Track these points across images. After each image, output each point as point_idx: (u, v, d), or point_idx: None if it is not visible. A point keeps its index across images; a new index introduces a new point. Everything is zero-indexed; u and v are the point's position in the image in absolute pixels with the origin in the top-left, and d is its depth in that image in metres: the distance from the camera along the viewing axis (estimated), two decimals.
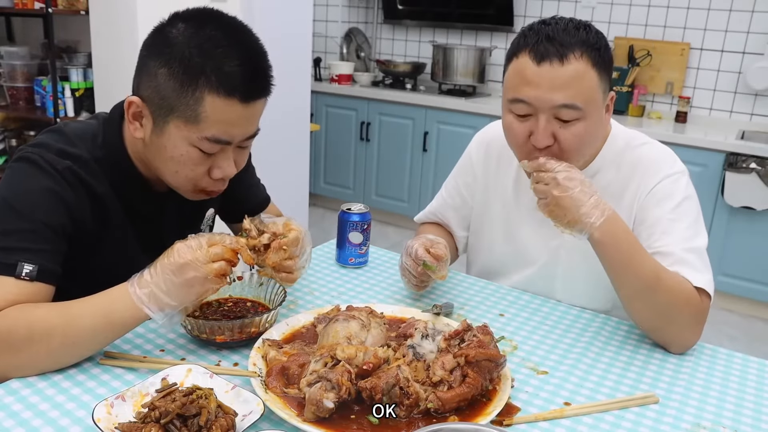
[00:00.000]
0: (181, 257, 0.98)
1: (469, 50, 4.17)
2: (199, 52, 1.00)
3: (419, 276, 1.27)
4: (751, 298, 3.41)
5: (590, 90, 1.15)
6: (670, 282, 1.14)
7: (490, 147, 1.46)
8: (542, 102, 1.14)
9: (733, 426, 0.98)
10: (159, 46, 1.03)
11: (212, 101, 1.01)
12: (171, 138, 1.04)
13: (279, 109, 3.15)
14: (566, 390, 1.04)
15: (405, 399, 0.90)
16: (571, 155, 1.19)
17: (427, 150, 4.17)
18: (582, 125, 1.16)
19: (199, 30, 1.02)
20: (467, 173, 1.50)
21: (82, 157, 1.09)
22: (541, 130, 1.16)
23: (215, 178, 1.09)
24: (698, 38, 3.74)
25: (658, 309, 1.14)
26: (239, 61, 1.01)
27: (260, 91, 1.06)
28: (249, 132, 1.08)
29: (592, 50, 1.14)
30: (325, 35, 4.95)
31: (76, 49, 3.56)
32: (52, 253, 1.03)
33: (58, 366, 0.99)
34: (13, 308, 0.96)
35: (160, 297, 0.97)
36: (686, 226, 1.23)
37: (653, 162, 1.29)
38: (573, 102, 1.13)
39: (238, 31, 1.06)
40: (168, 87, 1.02)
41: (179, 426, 0.81)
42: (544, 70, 1.13)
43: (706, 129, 3.63)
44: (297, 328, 1.14)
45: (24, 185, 1.03)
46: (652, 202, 1.26)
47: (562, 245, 1.36)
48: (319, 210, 4.72)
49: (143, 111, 1.06)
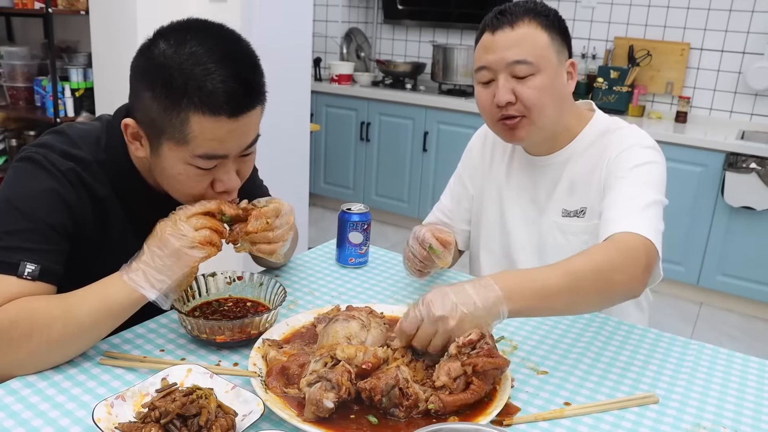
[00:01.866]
0: (164, 231, 1.01)
1: (469, 50, 4.17)
2: (180, 73, 0.97)
3: (423, 260, 1.31)
4: (751, 298, 3.41)
5: (541, 48, 1.26)
6: (583, 269, 1.06)
7: (488, 137, 1.54)
8: (498, 63, 1.27)
9: (734, 426, 0.98)
10: (142, 68, 1.02)
11: (198, 121, 0.98)
12: (167, 159, 1.04)
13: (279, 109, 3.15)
14: (566, 390, 1.04)
15: (404, 400, 0.90)
16: (534, 111, 1.27)
17: (427, 150, 4.17)
18: (538, 80, 1.26)
19: (180, 48, 0.98)
20: (469, 164, 1.58)
21: (85, 159, 1.09)
22: (500, 88, 1.27)
23: (218, 192, 1.08)
24: (698, 38, 3.74)
25: (596, 294, 1.07)
26: (222, 77, 0.97)
27: (249, 105, 1.01)
28: (245, 143, 1.05)
29: (540, 16, 1.28)
30: (325, 35, 4.95)
31: (76, 49, 3.55)
32: (54, 253, 1.03)
33: (60, 359, 1.00)
34: (13, 303, 0.96)
35: (151, 274, 1.00)
36: (641, 182, 1.24)
37: (624, 137, 1.34)
38: (524, 57, 1.25)
39: (222, 43, 1.01)
40: (154, 110, 1.00)
41: (179, 426, 0.81)
42: (497, 37, 1.27)
43: (706, 129, 3.63)
44: (297, 328, 1.14)
45: (27, 185, 1.04)
46: (611, 167, 1.30)
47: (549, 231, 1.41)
48: (319, 210, 4.72)
49: (139, 132, 1.05)
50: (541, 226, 1.42)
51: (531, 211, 1.44)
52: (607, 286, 1.08)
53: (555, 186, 1.40)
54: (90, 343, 1.02)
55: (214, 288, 1.22)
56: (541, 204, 1.43)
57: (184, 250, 1.00)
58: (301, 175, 3.43)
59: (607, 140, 1.35)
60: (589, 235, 1.35)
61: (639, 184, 1.24)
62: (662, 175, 1.29)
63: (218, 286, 1.23)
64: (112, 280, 1.01)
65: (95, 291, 1.01)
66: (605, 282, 1.07)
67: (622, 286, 1.09)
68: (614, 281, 1.07)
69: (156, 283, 1.00)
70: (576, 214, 1.37)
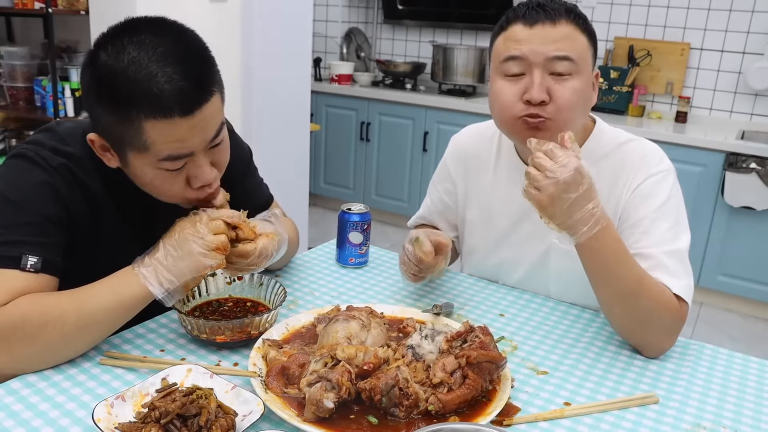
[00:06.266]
0: (183, 230, 1.02)
1: (469, 50, 4.17)
2: (124, 82, 0.95)
3: (417, 263, 1.23)
4: (751, 298, 3.41)
5: (582, 49, 1.18)
6: (651, 289, 1.11)
7: (466, 151, 1.46)
8: (537, 55, 1.16)
9: (734, 426, 0.98)
10: (88, 83, 1.01)
11: (153, 126, 0.96)
12: (136, 167, 1.03)
13: (279, 109, 3.15)
14: (566, 390, 1.04)
15: (404, 400, 0.90)
16: (565, 115, 1.18)
17: (427, 150, 4.17)
18: (577, 82, 1.17)
19: (118, 56, 0.95)
20: (446, 180, 1.50)
21: (75, 154, 1.09)
22: (537, 84, 1.16)
23: (195, 188, 1.07)
24: (698, 38, 3.74)
25: (637, 315, 1.12)
26: (167, 77, 0.94)
27: (200, 99, 0.98)
28: (208, 137, 1.02)
29: (579, 18, 1.19)
30: (325, 35, 4.95)
31: (76, 49, 3.56)
32: (54, 245, 1.03)
33: (70, 354, 1.01)
34: (24, 297, 0.97)
35: (161, 272, 1.01)
36: (668, 227, 1.21)
37: (639, 159, 1.28)
38: (567, 53, 1.16)
39: (164, 38, 0.98)
40: (109, 123, 0.99)
41: (179, 426, 0.81)
42: (536, 31, 1.17)
43: (706, 129, 3.63)
44: (297, 328, 1.14)
45: (21, 179, 1.04)
46: (636, 200, 1.25)
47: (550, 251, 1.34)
48: (319, 210, 4.72)
49: (105, 144, 1.04)
50: (539, 244, 1.35)
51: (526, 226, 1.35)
52: (641, 330, 1.14)
53: None
54: (101, 337, 1.03)
55: (214, 288, 1.22)
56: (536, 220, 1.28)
57: (198, 254, 1.01)
58: (301, 175, 3.43)
59: (617, 156, 1.29)
60: None
61: (672, 225, 1.21)
62: (682, 198, 1.26)
63: (218, 286, 1.23)
64: (125, 274, 1.02)
65: (109, 284, 1.01)
66: (648, 318, 1.12)
67: (654, 340, 1.15)
68: (649, 335, 1.14)
69: (165, 282, 1.01)
70: None
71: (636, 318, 1.12)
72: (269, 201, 1.47)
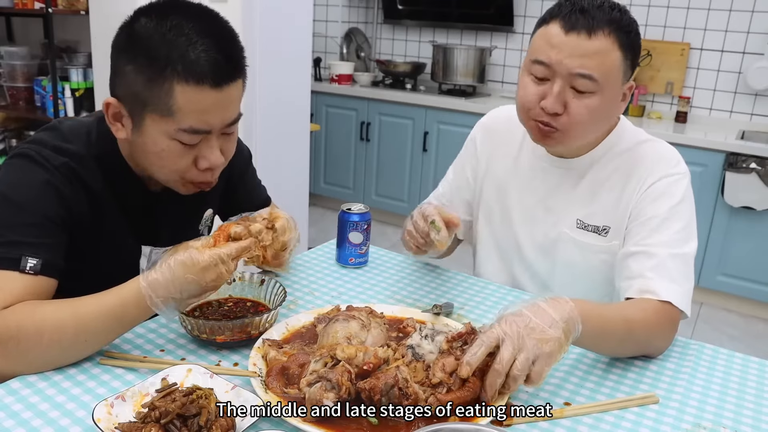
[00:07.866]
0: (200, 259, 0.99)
1: (469, 50, 4.17)
2: (163, 43, 0.98)
3: (424, 236, 1.25)
4: (751, 298, 3.41)
5: (611, 68, 1.16)
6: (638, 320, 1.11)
7: (497, 125, 1.48)
8: (561, 66, 1.16)
9: (734, 426, 0.98)
10: (124, 44, 1.03)
11: (182, 91, 0.99)
12: (150, 134, 1.03)
13: (279, 109, 3.15)
14: (566, 390, 1.04)
15: (404, 400, 0.90)
16: (576, 129, 1.19)
17: (427, 150, 4.17)
18: (595, 99, 1.17)
19: (162, 21, 1.00)
20: (472, 156, 1.51)
21: (78, 153, 1.09)
22: (554, 95, 1.17)
23: (201, 169, 1.08)
24: (698, 38, 3.74)
25: (636, 345, 1.13)
26: (205, 47, 0.99)
27: (231, 74, 1.02)
28: (228, 118, 1.06)
29: (621, 32, 1.15)
30: (325, 35, 4.95)
31: (76, 49, 3.56)
32: (55, 246, 1.03)
33: (70, 360, 1.00)
34: (21, 305, 0.96)
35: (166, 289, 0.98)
36: (678, 228, 1.21)
37: (656, 159, 1.29)
38: (591, 73, 1.15)
39: (203, 17, 1.03)
40: (138, 83, 1.01)
41: (179, 426, 0.81)
42: (570, 39, 1.15)
43: (706, 129, 3.63)
44: (297, 328, 1.14)
45: (22, 180, 1.04)
46: (648, 198, 1.25)
47: (560, 241, 1.36)
48: (319, 210, 4.72)
49: (121, 111, 1.05)
50: (549, 231, 1.37)
51: (539, 212, 1.38)
52: (643, 348, 1.14)
53: (571, 192, 1.35)
54: (99, 347, 1.02)
55: None
56: (551, 207, 1.37)
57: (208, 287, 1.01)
58: (301, 175, 3.43)
59: (634, 154, 1.30)
60: (609, 255, 1.30)
61: (682, 228, 1.21)
62: (694, 205, 1.27)
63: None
64: (130, 295, 0.99)
65: (111, 305, 0.98)
66: (645, 344, 1.14)
67: (654, 351, 1.16)
68: (651, 346, 1.15)
69: (167, 300, 0.99)
70: (596, 230, 1.32)
71: (635, 348, 1.14)
72: (267, 202, 1.47)
